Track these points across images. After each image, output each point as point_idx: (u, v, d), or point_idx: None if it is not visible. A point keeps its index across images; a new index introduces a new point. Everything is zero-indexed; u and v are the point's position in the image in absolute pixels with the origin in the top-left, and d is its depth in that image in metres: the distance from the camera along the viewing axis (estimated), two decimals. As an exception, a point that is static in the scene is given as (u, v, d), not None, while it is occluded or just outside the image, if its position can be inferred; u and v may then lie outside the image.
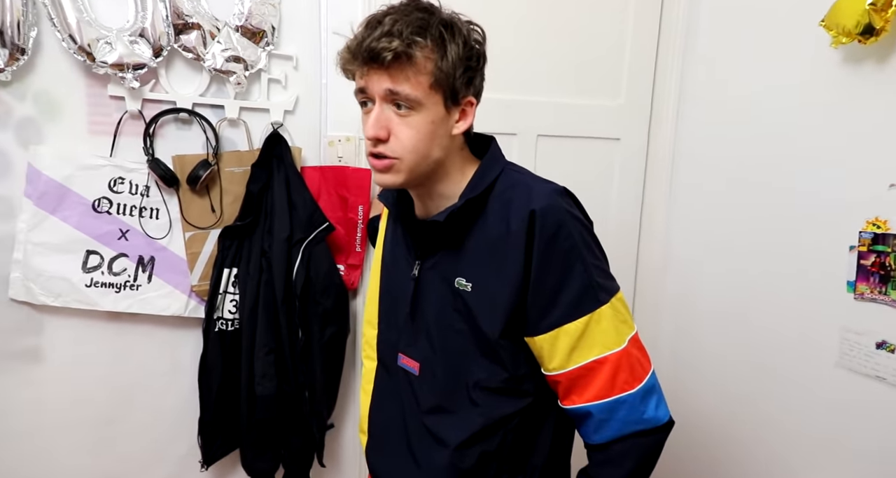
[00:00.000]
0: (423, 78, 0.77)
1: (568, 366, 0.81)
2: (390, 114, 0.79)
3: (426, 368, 0.90)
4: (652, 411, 0.81)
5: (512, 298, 0.81)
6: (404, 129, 0.78)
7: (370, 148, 0.81)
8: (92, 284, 1.36)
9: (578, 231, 0.81)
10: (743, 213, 1.52)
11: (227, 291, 1.43)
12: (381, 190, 1.00)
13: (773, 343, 1.44)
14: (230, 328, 1.43)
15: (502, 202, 0.83)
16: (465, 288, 0.84)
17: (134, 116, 1.35)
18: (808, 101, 1.34)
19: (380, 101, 0.78)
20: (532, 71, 1.64)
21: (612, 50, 1.69)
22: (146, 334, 1.45)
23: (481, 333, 0.83)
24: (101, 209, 1.35)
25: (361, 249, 1.56)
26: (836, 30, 1.19)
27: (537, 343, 0.82)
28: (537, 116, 1.66)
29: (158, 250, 1.41)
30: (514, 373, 0.85)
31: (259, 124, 1.45)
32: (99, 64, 1.25)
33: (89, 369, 1.41)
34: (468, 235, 0.85)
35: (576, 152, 1.72)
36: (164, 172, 1.36)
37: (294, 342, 1.43)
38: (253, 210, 1.42)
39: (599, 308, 0.80)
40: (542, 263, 0.79)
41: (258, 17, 1.38)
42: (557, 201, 0.81)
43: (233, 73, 1.38)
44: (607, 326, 0.81)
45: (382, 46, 0.74)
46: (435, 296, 0.88)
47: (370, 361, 1.06)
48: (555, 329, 0.81)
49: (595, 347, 0.80)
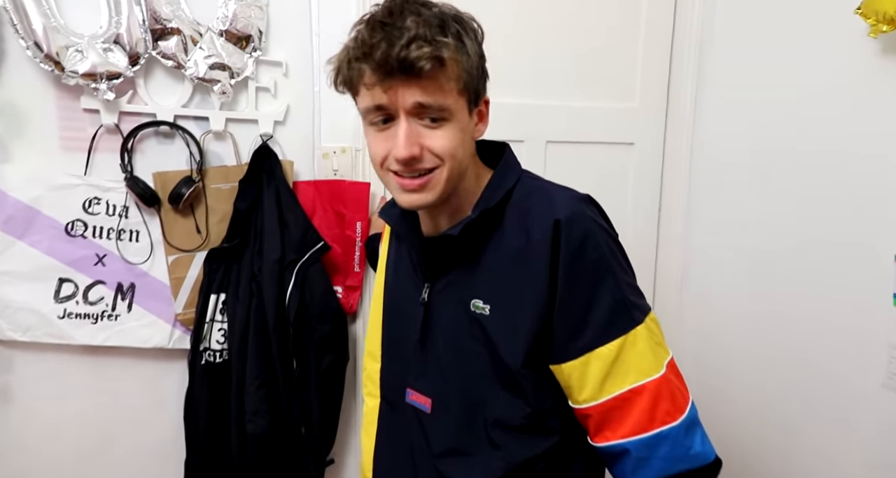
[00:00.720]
0: (453, 84, 0.69)
1: (601, 397, 0.72)
2: (418, 128, 0.70)
3: (438, 403, 0.82)
4: (699, 446, 0.72)
5: (536, 320, 0.73)
6: (437, 141, 0.71)
7: (401, 169, 0.72)
8: (65, 315, 1.25)
9: (606, 242, 0.74)
10: (771, 218, 1.43)
11: (215, 319, 1.33)
12: (384, 207, 0.90)
13: (810, 359, 1.34)
14: (218, 360, 1.34)
15: (520, 212, 0.77)
16: (483, 311, 0.77)
17: (110, 131, 1.26)
18: (841, 97, 1.25)
19: (405, 116, 0.69)
20: (540, 73, 1.56)
21: (624, 49, 1.62)
22: (126, 369, 1.34)
23: (501, 362, 0.75)
24: (74, 233, 1.26)
25: (360, 269, 1.46)
26: (876, 17, 1.10)
27: (565, 371, 0.74)
28: (546, 121, 1.58)
29: (139, 276, 1.31)
30: (539, 407, 0.77)
31: (247, 137, 1.37)
32: (69, 74, 1.15)
33: (64, 409, 1.31)
34: (484, 250, 0.77)
35: (588, 159, 1.63)
36: (143, 190, 1.26)
37: (288, 373, 1.34)
38: (241, 230, 1.33)
39: (634, 328, 0.72)
40: (569, 277, 0.72)
41: (244, 20, 1.29)
42: (582, 209, 0.74)
43: (217, 82, 1.28)
44: (644, 350, 0.72)
45: (416, 56, 0.65)
46: (448, 321, 0.80)
47: (372, 398, 0.95)
48: (585, 354, 0.72)
49: (630, 374, 0.71)
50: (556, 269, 0.72)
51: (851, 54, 1.21)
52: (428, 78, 0.67)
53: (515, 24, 1.52)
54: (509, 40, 1.50)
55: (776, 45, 1.40)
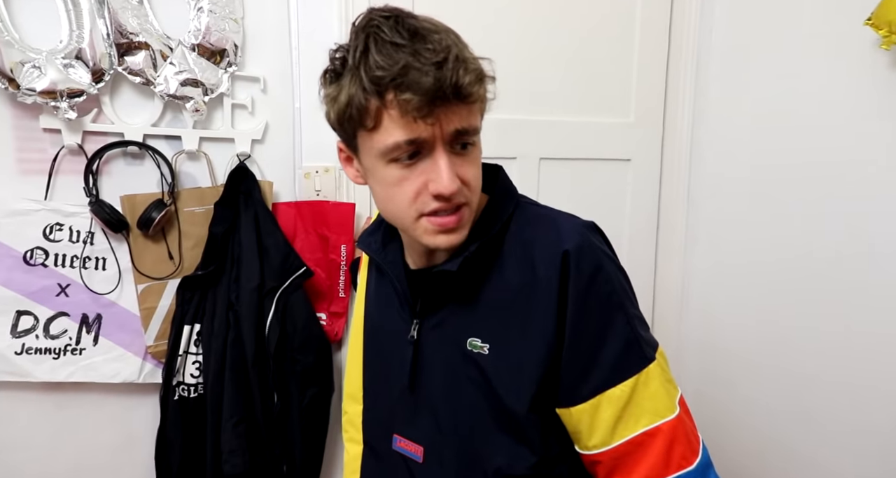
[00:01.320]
0: (479, 104, 0.64)
1: (612, 442, 0.67)
2: (454, 158, 0.64)
3: (432, 453, 0.74)
4: None
5: (543, 361, 0.67)
6: (469, 169, 0.65)
7: (442, 207, 0.64)
8: (23, 350, 1.17)
9: (615, 274, 0.69)
10: (772, 233, 1.38)
11: (189, 351, 1.25)
12: (362, 235, 0.82)
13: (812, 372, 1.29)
14: (193, 395, 1.25)
15: (523, 243, 0.70)
16: (481, 350, 0.70)
17: (73, 152, 1.18)
18: (848, 110, 1.20)
19: (442, 146, 0.62)
20: (533, 87, 1.49)
21: (619, 62, 1.55)
22: (93, 406, 1.25)
23: (503, 407, 0.69)
24: (34, 262, 1.17)
25: (346, 294, 1.38)
26: (889, 28, 1.04)
27: (574, 415, 0.68)
28: (539, 137, 1.51)
29: (106, 307, 1.22)
30: (545, 454, 0.70)
31: (222, 157, 1.29)
32: (25, 92, 1.06)
33: (24, 453, 1.21)
34: (482, 285, 0.70)
35: (583, 176, 1.57)
36: (110, 215, 1.18)
37: (268, 408, 1.26)
38: (217, 256, 1.25)
39: (647, 367, 0.67)
40: (578, 314, 0.66)
41: (217, 34, 1.21)
42: (590, 239, 0.69)
43: (190, 99, 1.20)
44: (657, 389, 0.67)
45: (469, 80, 0.59)
46: (440, 362, 0.73)
47: (354, 444, 0.88)
48: (596, 396, 0.66)
49: (644, 416, 0.66)
50: (564, 304, 0.66)
51: (861, 66, 1.16)
52: (471, 101, 0.62)
53: (508, 35, 1.45)
54: (501, 52, 1.39)
55: (778, 57, 1.34)
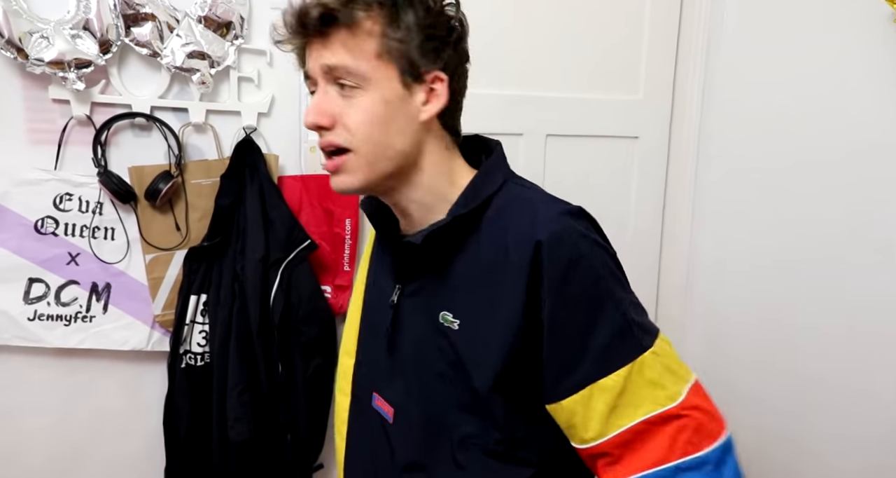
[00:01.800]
0: (368, 46, 0.64)
1: (609, 432, 0.64)
2: (335, 96, 0.65)
3: (401, 415, 0.75)
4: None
5: (509, 344, 0.65)
6: (351, 112, 0.65)
7: (319, 145, 0.68)
8: (36, 316, 1.20)
9: (602, 260, 0.66)
10: (781, 218, 1.35)
11: (196, 320, 1.27)
12: (361, 198, 0.83)
13: (818, 372, 1.27)
14: (199, 363, 1.28)
15: (499, 226, 0.68)
16: (452, 325, 0.69)
17: (82, 123, 1.19)
18: (863, 90, 1.17)
19: (322, 83, 0.66)
20: (540, 63, 1.48)
21: (628, 37, 1.53)
22: (102, 372, 1.28)
23: (468, 382, 0.68)
24: (45, 230, 1.19)
25: (350, 267, 1.40)
26: (903, 2, 1.01)
27: (566, 409, 0.65)
28: (546, 114, 1.50)
29: (115, 276, 1.25)
30: (510, 435, 0.69)
31: (229, 129, 1.30)
32: (33, 62, 1.08)
33: (36, 416, 1.25)
34: (456, 259, 0.70)
35: (589, 153, 1.56)
36: (118, 186, 1.19)
37: (273, 378, 1.28)
38: (223, 228, 1.26)
39: (641, 355, 0.64)
40: (558, 304, 0.64)
41: (224, 6, 1.21)
42: (569, 225, 0.65)
43: (196, 72, 1.21)
44: (655, 378, 0.64)
45: (310, 7, 0.62)
46: (415, 330, 0.73)
47: (343, 395, 0.89)
48: (587, 387, 0.63)
49: (643, 405, 0.63)
50: (536, 295, 0.64)
51: (875, 43, 1.13)
52: (332, 36, 0.63)
53: (515, 10, 1.43)
54: (508, 28, 1.41)
55: (791, 33, 1.31)
